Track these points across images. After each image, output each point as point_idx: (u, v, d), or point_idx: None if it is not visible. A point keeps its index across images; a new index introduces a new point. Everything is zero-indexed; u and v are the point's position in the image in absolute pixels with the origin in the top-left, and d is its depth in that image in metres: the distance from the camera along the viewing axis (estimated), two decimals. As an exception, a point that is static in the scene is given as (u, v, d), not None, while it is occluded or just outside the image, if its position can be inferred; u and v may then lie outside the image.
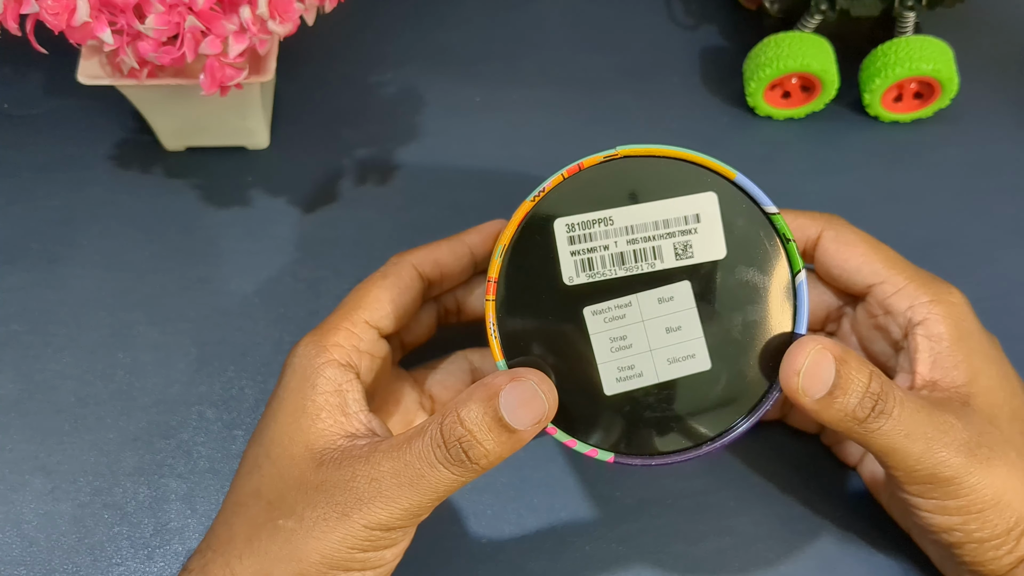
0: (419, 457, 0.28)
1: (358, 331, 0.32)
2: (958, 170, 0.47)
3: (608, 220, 0.28)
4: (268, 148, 0.47)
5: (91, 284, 0.43)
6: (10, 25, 0.36)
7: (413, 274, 0.34)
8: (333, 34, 0.51)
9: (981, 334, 0.33)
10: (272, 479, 0.30)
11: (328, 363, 0.31)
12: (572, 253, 0.28)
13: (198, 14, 0.37)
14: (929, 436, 0.29)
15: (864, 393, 0.29)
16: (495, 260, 0.28)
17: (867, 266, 0.34)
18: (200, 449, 0.39)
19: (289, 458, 0.30)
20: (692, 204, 0.28)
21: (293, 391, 0.31)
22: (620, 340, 0.29)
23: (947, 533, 0.31)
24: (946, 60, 0.45)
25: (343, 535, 0.28)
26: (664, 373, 0.29)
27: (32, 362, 0.41)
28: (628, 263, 0.28)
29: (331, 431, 0.30)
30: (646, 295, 0.29)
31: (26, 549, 0.37)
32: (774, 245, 0.29)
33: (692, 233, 0.28)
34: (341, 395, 0.31)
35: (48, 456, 0.39)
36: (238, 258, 0.44)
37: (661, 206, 0.28)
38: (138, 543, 0.37)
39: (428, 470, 0.27)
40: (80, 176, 0.46)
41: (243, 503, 0.30)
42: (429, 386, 0.37)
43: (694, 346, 0.29)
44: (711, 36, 0.52)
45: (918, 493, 0.31)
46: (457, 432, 0.27)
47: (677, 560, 0.37)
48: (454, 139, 0.48)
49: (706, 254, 0.29)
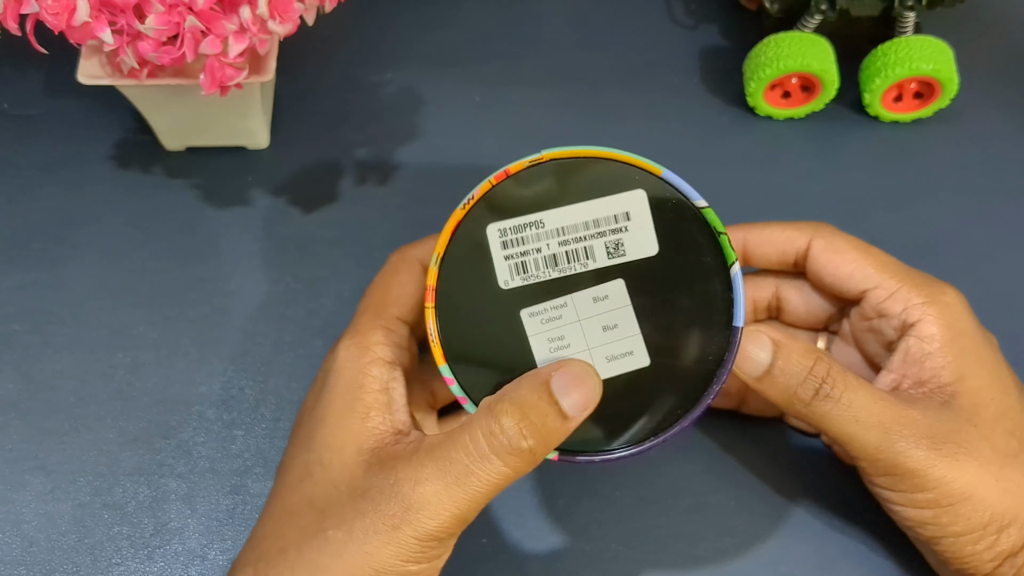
0: (467, 452, 0.27)
1: (394, 327, 0.32)
2: (958, 170, 0.47)
3: (539, 223, 0.29)
4: (268, 148, 0.47)
5: (91, 284, 0.43)
6: (10, 25, 0.36)
7: (420, 269, 0.34)
8: (333, 34, 0.51)
9: (976, 333, 0.33)
10: (324, 486, 0.29)
11: (373, 362, 0.31)
12: (506, 257, 0.29)
13: (198, 14, 0.37)
14: (887, 427, 0.30)
15: (806, 375, 0.30)
16: (431, 268, 0.29)
17: (859, 272, 0.34)
18: (200, 449, 0.39)
19: (341, 463, 0.29)
20: (621, 203, 0.29)
21: (340, 394, 0.31)
22: (558, 340, 0.29)
23: (922, 527, 0.32)
24: (946, 60, 0.45)
25: (395, 549, 0.27)
26: (604, 371, 0.29)
27: (32, 362, 0.41)
28: (561, 264, 0.29)
29: (380, 429, 0.30)
30: (581, 295, 0.29)
31: (26, 549, 0.37)
32: (707, 239, 0.29)
33: (623, 232, 0.29)
34: (388, 393, 0.30)
35: (48, 456, 0.39)
36: (238, 258, 0.44)
37: (590, 206, 0.29)
38: (138, 543, 0.37)
39: (476, 464, 0.27)
40: (80, 176, 0.46)
41: (295, 512, 0.30)
42: (430, 383, 0.37)
43: (632, 343, 0.29)
44: (711, 36, 0.52)
45: (887, 485, 0.31)
46: (511, 418, 0.27)
47: (677, 560, 0.37)
48: (454, 139, 0.48)
49: (638, 251, 0.29)
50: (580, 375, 0.28)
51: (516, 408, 0.27)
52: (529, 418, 0.27)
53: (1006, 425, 0.32)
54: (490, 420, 0.27)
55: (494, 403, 0.27)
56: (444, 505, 0.27)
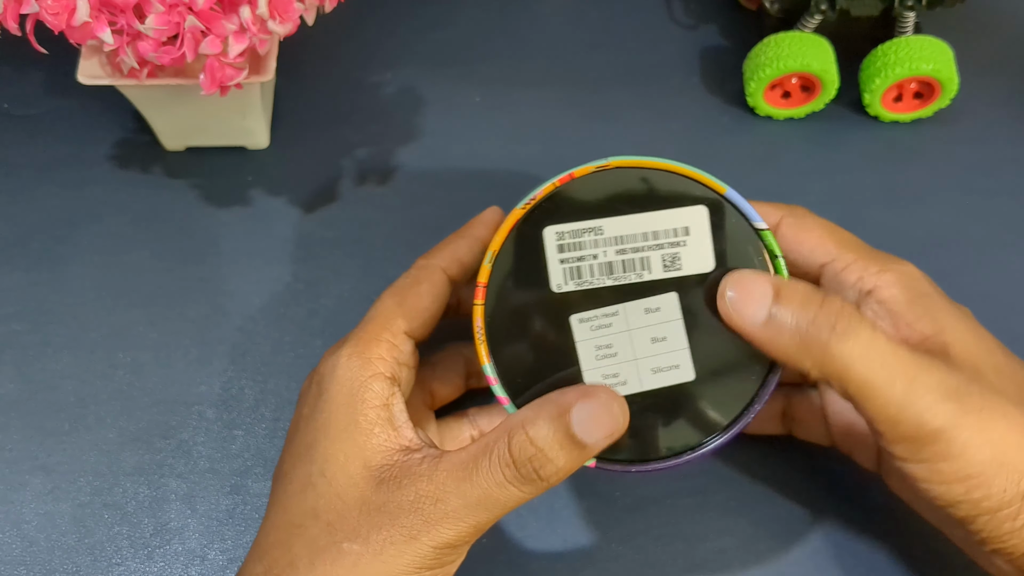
0: (487, 478, 0.27)
1: (398, 343, 0.32)
2: (958, 170, 0.47)
3: (598, 230, 0.28)
4: (268, 148, 0.47)
5: (91, 284, 0.43)
6: (10, 25, 0.36)
7: (443, 279, 0.34)
8: (333, 34, 0.51)
9: (941, 297, 0.32)
10: (330, 499, 0.29)
11: (374, 377, 0.31)
12: (561, 261, 0.28)
13: (198, 14, 0.37)
14: (910, 375, 0.27)
15: (818, 310, 0.27)
16: (485, 265, 0.28)
17: (819, 247, 0.33)
18: (200, 449, 0.39)
19: (347, 476, 0.29)
20: (682, 217, 0.28)
21: (342, 406, 0.30)
22: (606, 348, 0.29)
23: (954, 507, 0.28)
24: (946, 60, 0.45)
25: (412, 558, 0.28)
26: (648, 382, 0.29)
27: (32, 362, 0.41)
28: (616, 273, 0.29)
29: (386, 446, 0.30)
30: (633, 305, 0.29)
31: (26, 549, 0.37)
32: (762, 261, 0.29)
33: (681, 245, 0.29)
34: (388, 409, 0.30)
35: (48, 456, 0.39)
36: (238, 258, 0.44)
37: (651, 218, 0.28)
38: (138, 543, 0.37)
39: (497, 490, 0.27)
40: (80, 176, 0.46)
41: (300, 524, 0.29)
42: (429, 383, 0.37)
43: (679, 357, 0.29)
44: (711, 36, 0.52)
45: (907, 455, 0.28)
46: (528, 451, 0.27)
47: (677, 560, 0.37)
48: (454, 139, 0.48)
49: (694, 267, 0.29)
50: (602, 410, 0.27)
51: (531, 444, 0.27)
52: (546, 454, 0.27)
53: (1010, 380, 0.30)
54: (507, 452, 0.27)
55: (514, 432, 0.27)
56: (464, 520, 0.28)
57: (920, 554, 0.36)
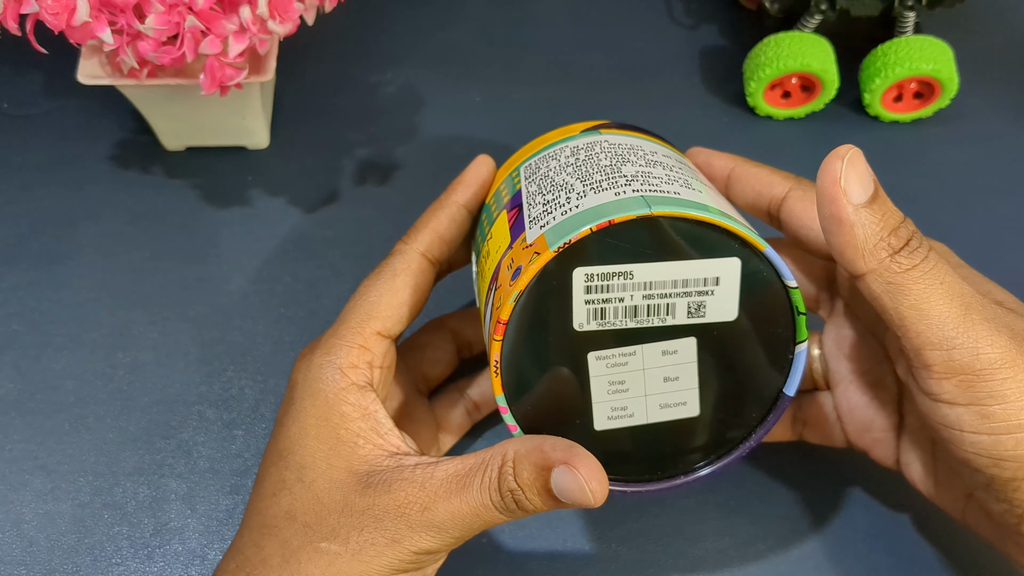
0: (476, 497, 0.28)
1: (371, 346, 0.31)
2: (958, 170, 0.47)
3: (628, 274, 0.28)
4: (268, 148, 0.47)
5: (91, 284, 0.43)
6: (10, 25, 0.36)
7: (423, 265, 0.33)
8: (333, 34, 0.51)
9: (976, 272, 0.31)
10: (307, 502, 0.29)
11: (349, 388, 0.30)
12: (587, 302, 0.28)
13: (198, 14, 0.37)
14: (968, 302, 0.26)
15: (901, 222, 0.27)
16: (508, 304, 0.27)
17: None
18: (200, 449, 0.39)
19: (328, 482, 0.29)
20: (714, 267, 0.28)
21: (320, 419, 0.30)
22: (618, 384, 0.29)
23: (998, 465, 0.26)
24: (946, 60, 0.45)
25: (390, 560, 0.28)
26: (653, 416, 0.29)
27: (32, 362, 0.41)
28: (640, 316, 0.28)
29: (373, 455, 0.29)
30: (652, 347, 0.29)
31: (26, 549, 0.37)
32: (785, 314, 0.29)
33: (708, 295, 0.28)
34: (370, 418, 0.30)
35: (48, 456, 0.39)
36: (238, 258, 0.44)
37: (683, 266, 0.28)
38: (138, 543, 0.37)
39: (483, 510, 0.28)
40: (80, 176, 0.46)
41: (273, 525, 0.29)
42: (419, 367, 0.37)
43: (687, 395, 0.29)
44: (711, 36, 0.52)
45: (955, 395, 0.26)
46: (511, 484, 0.28)
47: (677, 560, 0.37)
48: (454, 139, 0.48)
49: (718, 315, 0.28)
50: (575, 485, 0.27)
51: (515, 480, 0.28)
52: (524, 494, 0.28)
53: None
54: (496, 479, 0.28)
55: (505, 463, 0.28)
56: (448, 531, 0.28)
57: (921, 554, 0.36)
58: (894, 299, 0.27)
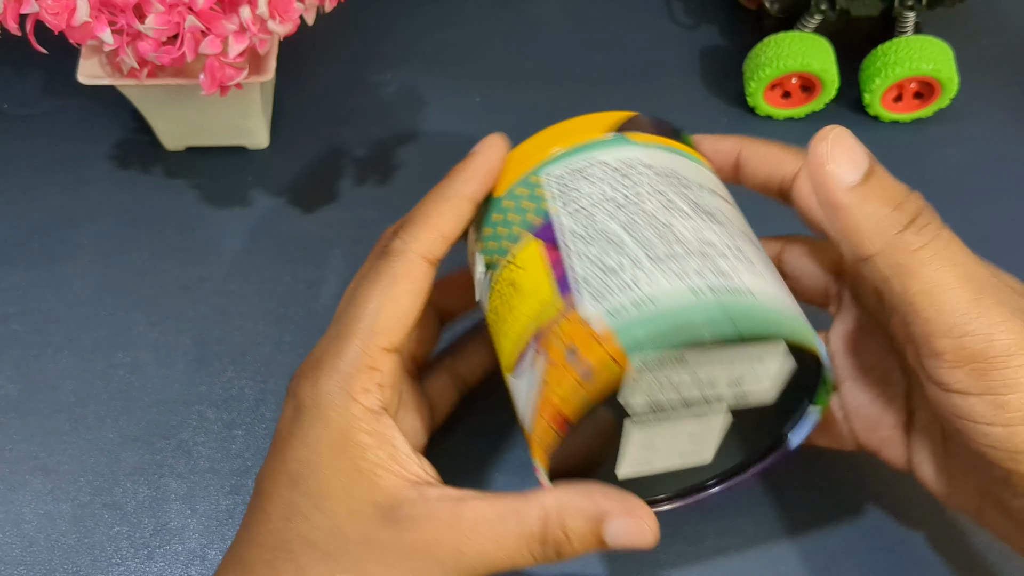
0: (513, 547, 0.27)
1: (380, 364, 0.29)
2: (958, 170, 0.47)
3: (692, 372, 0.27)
4: (268, 148, 0.47)
5: (91, 284, 0.43)
6: (10, 25, 0.36)
7: (425, 269, 0.30)
8: (333, 34, 0.51)
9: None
10: (327, 531, 0.28)
11: (363, 415, 0.28)
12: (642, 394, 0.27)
13: (198, 14, 0.37)
14: (982, 284, 0.24)
15: (904, 198, 0.25)
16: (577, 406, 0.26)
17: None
18: (200, 449, 0.39)
19: (349, 512, 0.28)
20: (769, 369, 0.27)
21: (335, 447, 0.28)
22: (649, 444, 0.29)
23: (1014, 458, 0.25)
24: (946, 60, 0.45)
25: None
26: (671, 463, 0.30)
27: (32, 362, 0.41)
28: (691, 406, 0.28)
29: (395, 485, 0.28)
30: (688, 420, 0.29)
31: (26, 549, 0.37)
32: (811, 392, 0.29)
33: (754, 388, 0.28)
34: (388, 445, 0.28)
35: (48, 456, 0.39)
36: (238, 258, 0.44)
37: (741, 367, 0.27)
38: (138, 543, 0.37)
39: (518, 558, 0.27)
40: (80, 176, 0.46)
41: (289, 549, 0.28)
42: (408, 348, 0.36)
43: (706, 449, 0.30)
44: (711, 36, 0.52)
45: (968, 385, 0.25)
46: (556, 535, 0.27)
47: (677, 560, 0.36)
48: (454, 139, 0.48)
49: (757, 401, 0.28)
50: (637, 532, 0.27)
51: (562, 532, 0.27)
52: (571, 544, 0.27)
53: None
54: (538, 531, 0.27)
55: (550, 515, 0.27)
56: (477, 572, 0.28)
57: (921, 555, 0.36)
58: (903, 282, 0.25)
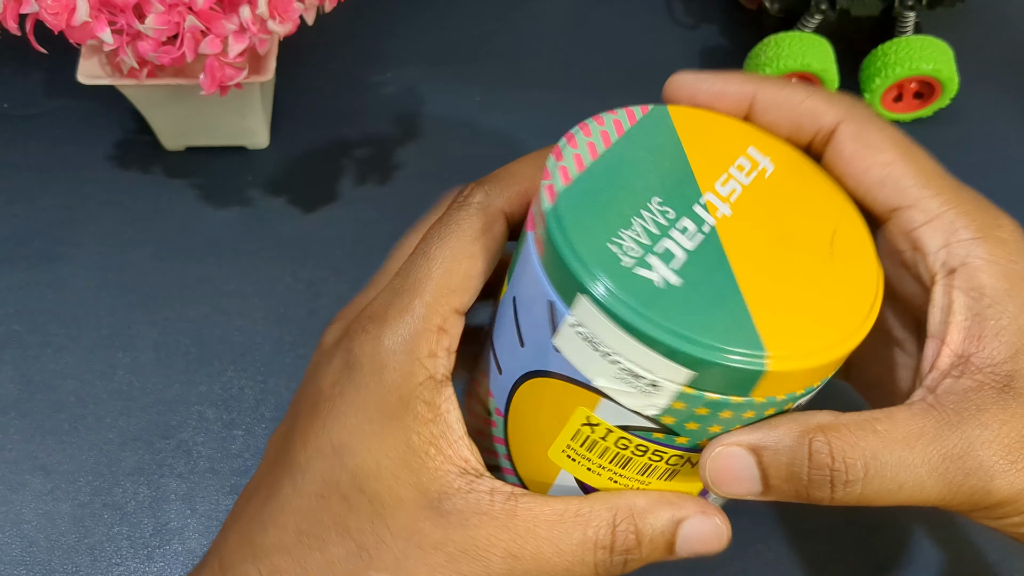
0: (576, 554, 0.24)
1: (450, 327, 0.25)
2: (958, 170, 0.47)
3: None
4: (268, 148, 0.47)
5: (91, 284, 0.43)
6: (10, 25, 0.36)
7: (505, 228, 0.27)
8: (333, 34, 0.51)
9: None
10: (367, 519, 0.25)
11: (426, 383, 0.25)
12: None
13: (198, 14, 0.37)
14: (942, 470, 0.23)
15: (807, 472, 0.24)
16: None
17: (893, 181, 0.26)
18: (200, 449, 0.39)
19: (395, 500, 0.24)
20: None
21: (389, 417, 0.25)
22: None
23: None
24: (946, 60, 0.45)
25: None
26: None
27: (32, 362, 0.41)
28: None
29: (444, 469, 0.25)
30: None
31: (26, 549, 0.37)
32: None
33: None
34: (443, 421, 0.25)
35: (48, 456, 0.39)
36: (238, 258, 0.44)
37: None
38: (138, 543, 0.37)
39: (578, 567, 0.25)
40: (80, 176, 0.46)
41: (319, 536, 0.25)
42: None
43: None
44: (711, 36, 0.52)
45: (984, 518, 0.24)
46: (628, 543, 0.25)
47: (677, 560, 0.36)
48: (454, 139, 0.48)
49: None
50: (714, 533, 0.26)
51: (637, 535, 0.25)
52: (642, 551, 0.25)
53: None
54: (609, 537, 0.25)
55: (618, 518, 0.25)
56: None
57: (920, 555, 0.36)
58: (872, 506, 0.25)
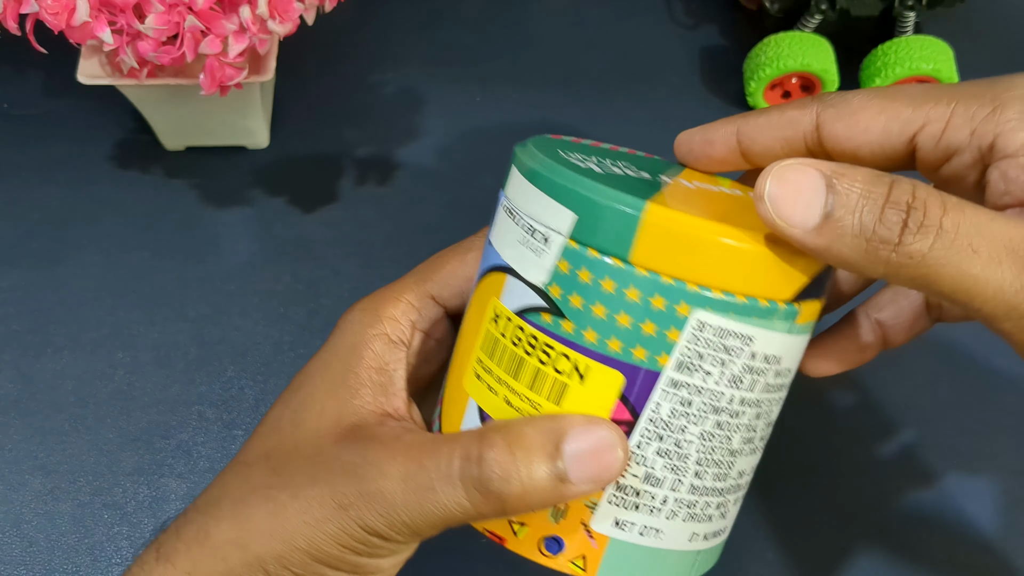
0: (435, 465, 0.24)
1: (419, 305, 0.28)
2: (958, 170, 0.47)
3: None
4: (268, 148, 0.47)
5: (91, 284, 0.43)
6: (10, 25, 0.36)
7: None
8: (333, 34, 0.51)
9: None
10: (287, 444, 0.27)
11: (379, 336, 0.28)
12: None
13: (198, 14, 0.37)
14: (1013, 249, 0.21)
15: (883, 204, 0.21)
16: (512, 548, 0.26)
17: (893, 119, 0.25)
18: (200, 449, 0.39)
19: (315, 428, 0.27)
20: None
21: (338, 358, 0.28)
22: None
23: None
24: (946, 60, 0.45)
25: (337, 530, 0.24)
26: None
27: (32, 362, 0.41)
28: None
29: (367, 409, 0.27)
30: None
31: (26, 549, 0.37)
32: None
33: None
34: (386, 374, 0.27)
35: (48, 456, 0.39)
36: (238, 258, 0.44)
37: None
38: (138, 543, 0.37)
39: (439, 483, 0.24)
40: (80, 176, 0.46)
41: (248, 463, 0.27)
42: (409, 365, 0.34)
43: None
44: (711, 36, 0.52)
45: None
46: (490, 454, 0.23)
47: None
48: (454, 139, 0.48)
49: None
50: (603, 446, 0.23)
51: (506, 445, 0.23)
52: (516, 462, 0.23)
53: None
54: (473, 444, 0.24)
55: (489, 429, 0.24)
56: (396, 510, 0.24)
57: (920, 556, 0.36)
58: (930, 287, 0.22)
